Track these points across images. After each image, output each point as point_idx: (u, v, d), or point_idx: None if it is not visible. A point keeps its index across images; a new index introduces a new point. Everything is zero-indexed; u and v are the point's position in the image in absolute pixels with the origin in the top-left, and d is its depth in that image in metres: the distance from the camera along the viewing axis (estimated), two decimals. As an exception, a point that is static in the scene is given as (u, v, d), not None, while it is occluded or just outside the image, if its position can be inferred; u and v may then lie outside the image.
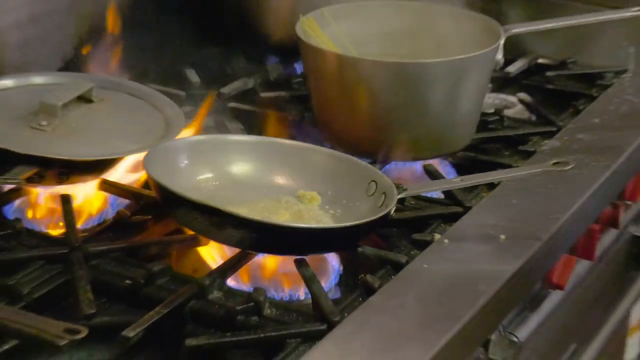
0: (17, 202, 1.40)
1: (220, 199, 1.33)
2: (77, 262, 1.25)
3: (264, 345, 1.14)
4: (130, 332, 1.12)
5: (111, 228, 1.36)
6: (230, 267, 1.27)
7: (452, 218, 1.39)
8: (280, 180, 1.40)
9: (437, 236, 1.33)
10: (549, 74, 1.87)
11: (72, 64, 1.68)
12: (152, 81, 1.74)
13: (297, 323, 1.18)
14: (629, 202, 1.83)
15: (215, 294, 1.23)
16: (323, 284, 1.25)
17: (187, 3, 1.92)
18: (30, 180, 1.37)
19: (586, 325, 1.75)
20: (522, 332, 1.40)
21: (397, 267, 1.27)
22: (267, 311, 1.20)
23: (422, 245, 1.32)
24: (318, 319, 1.18)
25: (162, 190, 1.26)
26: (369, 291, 1.22)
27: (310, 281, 1.23)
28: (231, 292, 1.24)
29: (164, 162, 1.34)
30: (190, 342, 1.12)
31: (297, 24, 1.54)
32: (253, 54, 1.86)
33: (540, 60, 1.97)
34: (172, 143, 1.40)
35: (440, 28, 1.63)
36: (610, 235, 1.80)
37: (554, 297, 1.53)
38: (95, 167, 1.38)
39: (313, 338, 1.13)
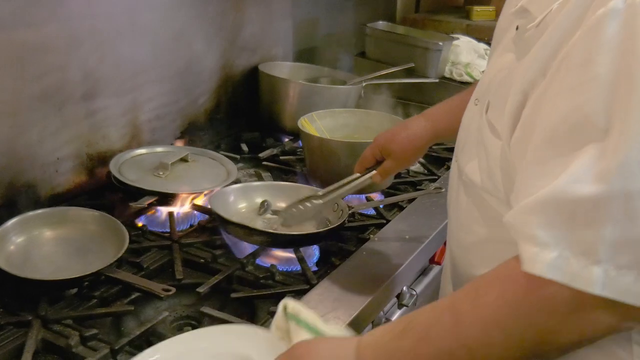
0: (146, 215, 1.35)
1: (249, 218, 1.28)
2: (175, 250, 1.20)
3: (274, 297, 1.08)
4: (200, 289, 1.07)
5: (196, 230, 1.30)
6: (258, 253, 1.21)
7: (380, 226, 1.33)
8: (283, 204, 1.33)
9: (371, 236, 1.27)
10: (434, 147, 1.81)
11: (179, 140, 1.64)
12: (223, 150, 1.70)
13: (293, 284, 1.12)
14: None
15: (250, 267, 1.17)
16: (308, 262, 1.19)
17: (242, 108, 1.87)
18: (152, 204, 1.32)
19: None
20: (419, 288, 1.35)
21: (349, 253, 1.21)
22: (278, 277, 1.14)
23: (363, 241, 1.26)
24: (304, 282, 1.12)
25: (217, 214, 1.21)
26: (334, 267, 1.17)
27: (301, 260, 1.17)
28: (258, 267, 1.18)
29: (220, 199, 1.29)
30: (234, 295, 1.07)
31: (298, 121, 1.50)
32: (277, 135, 1.82)
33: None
34: (224, 189, 1.34)
35: (375, 123, 1.58)
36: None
37: (436, 268, 1.48)
38: (187, 198, 1.33)
39: (300, 293, 1.08)
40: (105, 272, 1.06)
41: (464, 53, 2.38)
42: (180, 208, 1.35)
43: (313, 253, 1.25)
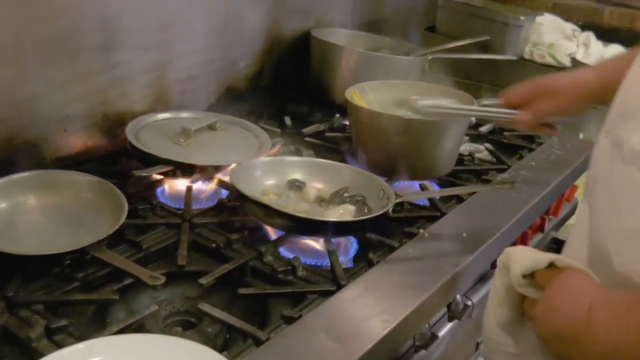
0: (163, 186, 1.16)
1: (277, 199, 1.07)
2: (184, 230, 1.00)
3: (292, 297, 0.87)
4: (203, 280, 0.88)
5: (214, 209, 1.10)
6: (282, 241, 0.99)
7: (433, 219, 1.09)
8: (319, 186, 1.12)
9: (421, 231, 1.04)
10: (505, 133, 1.56)
11: (214, 107, 1.44)
12: (263, 122, 1.50)
13: (317, 283, 0.91)
14: (551, 217, 1.51)
15: (269, 258, 0.96)
16: (342, 257, 0.97)
17: (289, 76, 1.66)
18: (168, 175, 1.13)
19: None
20: (475, 297, 1.11)
21: (391, 249, 0.99)
22: (300, 273, 0.93)
23: (410, 236, 1.03)
24: (332, 281, 0.91)
25: (236, 189, 1.01)
26: (370, 264, 0.95)
27: (330, 254, 0.95)
28: (279, 257, 0.97)
29: (244, 173, 1.08)
30: (242, 290, 0.87)
31: (346, 92, 1.27)
32: (326, 110, 1.60)
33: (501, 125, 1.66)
34: (250, 162, 1.12)
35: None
36: (538, 237, 1.48)
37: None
38: (208, 169, 1.13)
39: (326, 295, 0.87)
40: (92, 251, 0.87)
41: (547, 33, 2.10)
42: (202, 182, 1.15)
43: (349, 246, 1.04)
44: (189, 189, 1.12)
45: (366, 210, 1.03)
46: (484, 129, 1.58)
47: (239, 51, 1.50)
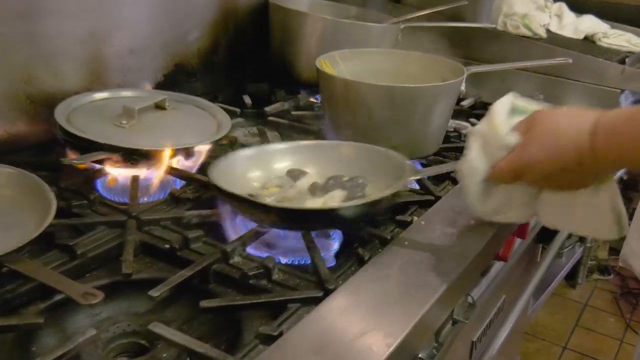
0: (103, 178, 0.97)
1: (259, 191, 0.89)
2: (130, 228, 0.82)
3: (268, 308, 0.70)
4: (155, 292, 0.69)
5: (167, 202, 0.92)
6: (249, 237, 0.82)
7: (427, 204, 0.93)
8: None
9: (415, 218, 0.88)
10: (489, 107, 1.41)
11: (162, 87, 1.25)
12: (220, 102, 1.32)
13: (299, 288, 0.74)
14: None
15: (237, 259, 0.78)
16: (323, 254, 0.80)
17: (247, 52, 1.48)
18: (108, 163, 0.94)
19: (511, 282, 1.29)
20: (475, 293, 0.96)
21: (383, 242, 0.82)
22: (276, 276, 0.75)
23: (404, 225, 0.87)
24: (317, 285, 0.73)
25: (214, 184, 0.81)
26: (361, 261, 0.78)
27: (312, 250, 0.78)
28: (249, 258, 0.79)
29: (224, 168, 0.87)
30: (204, 303, 0.69)
31: (317, 60, 1.09)
32: (290, 87, 1.43)
33: (483, 99, 1.51)
34: (230, 157, 0.90)
35: (418, 69, 1.19)
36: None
37: (497, 266, 1.09)
38: (157, 155, 0.95)
39: (311, 303, 0.69)
40: (7, 262, 0.68)
41: (518, 3, 1.97)
42: (150, 171, 0.96)
43: (330, 241, 0.86)
44: (134, 179, 0.94)
45: (359, 195, 0.85)
46: (466, 102, 1.43)
47: (189, 22, 1.31)
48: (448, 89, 1.03)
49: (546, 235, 1.42)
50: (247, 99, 1.37)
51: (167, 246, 0.80)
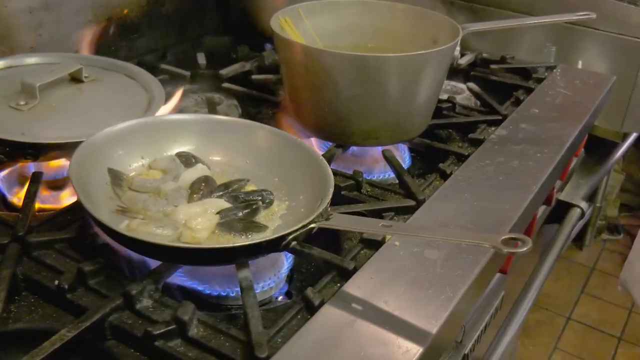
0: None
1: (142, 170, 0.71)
2: (10, 256, 0.62)
3: None
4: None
5: (70, 211, 0.71)
6: (167, 270, 0.62)
7: (405, 211, 0.73)
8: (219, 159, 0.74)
9: (388, 234, 0.67)
10: (492, 67, 1.20)
11: (93, 48, 1.03)
12: (168, 62, 1.11)
13: (221, 349, 0.54)
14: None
15: (145, 303, 0.59)
16: (260, 285, 0.61)
17: None
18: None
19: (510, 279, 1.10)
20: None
21: (343, 273, 0.62)
22: (194, 331, 0.56)
23: (373, 246, 0.67)
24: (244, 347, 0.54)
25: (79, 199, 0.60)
26: (309, 307, 0.59)
27: (243, 291, 0.58)
28: (162, 303, 0.59)
29: (93, 157, 0.67)
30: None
31: (272, 18, 0.87)
32: (255, 42, 1.21)
33: (484, 55, 1.29)
34: (102, 134, 0.69)
35: (404, 25, 0.96)
36: (541, 210, 1.13)
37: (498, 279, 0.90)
38: (62, 149, 0.74)
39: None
40: None
41: None
42: (51, 170, 0.76)
43: (277, 268, 0.67)
44: (34, 178, 0.73)
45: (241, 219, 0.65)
46: (463, 60, 1.21)
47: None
48: (438, 57, 0.81)
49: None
50: (202, 58, 1.15)
51: (57, 282, 0.60)
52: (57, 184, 0.78)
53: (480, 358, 1.00)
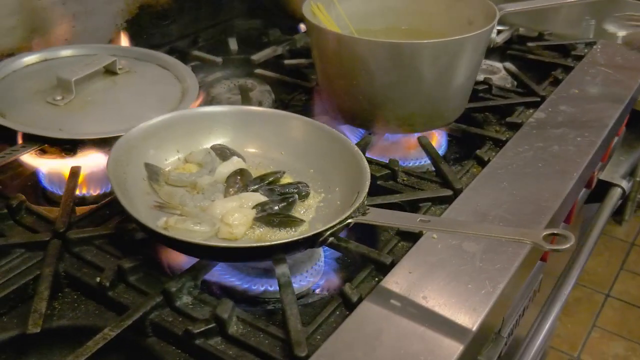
0: (39, 170, 0.78)
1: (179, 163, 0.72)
2: (50, 253, 0.63)
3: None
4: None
5: (109, 206, 0.72)
6: (205, 268, 0.62)
7: (443, 201, 0.72)
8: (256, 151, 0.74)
9: (424, 226, 0.67)
10: (529, 44, 1.17)
11: (122, 36, 1.03)
12: (199, 49, 1.11)
13: (262, 348, 0.55)
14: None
15: (184, 301, 0.59)
16: (300, 283, 0.62)
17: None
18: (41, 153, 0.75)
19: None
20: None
21: (382, 269, 0.62)
22: (233, 328, 0.56)
23: (412, 238, 0.66)
24: (283, 349, 0.55)
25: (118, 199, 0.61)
26: (348, 304, 0.59)
27: (284, 287, 0.59)
28: (202, 301, 0.60)
29: (125, 156, 0.67)
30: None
31: (304, 5, 0.85)
32: (287, 25, 1.20)
33: (521, 32, 1.25)
34: (135, 132, 0.69)
35: (438, 6, 0.94)
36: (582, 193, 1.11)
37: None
38: (99, 144, 0.75)
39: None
40: None
41: None
42: (91, 165, 0.77)
43: (317, 262, 0.67)
44: (73, 173, 0.74)
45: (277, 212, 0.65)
46: (499, 38, 1.18)
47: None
48: (474, 41, 0.80)
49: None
50: (233, 44, 1.14)
51: (97, 280, 0.61)
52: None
53: (522, 340, 0.99)
